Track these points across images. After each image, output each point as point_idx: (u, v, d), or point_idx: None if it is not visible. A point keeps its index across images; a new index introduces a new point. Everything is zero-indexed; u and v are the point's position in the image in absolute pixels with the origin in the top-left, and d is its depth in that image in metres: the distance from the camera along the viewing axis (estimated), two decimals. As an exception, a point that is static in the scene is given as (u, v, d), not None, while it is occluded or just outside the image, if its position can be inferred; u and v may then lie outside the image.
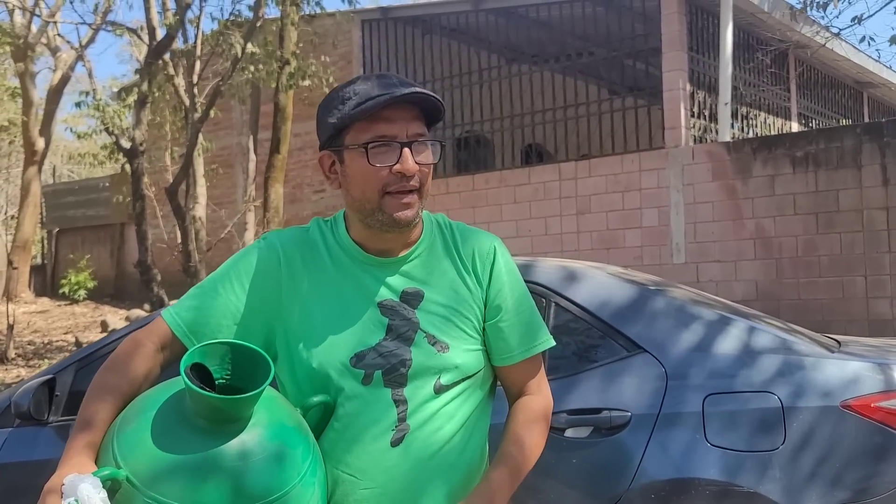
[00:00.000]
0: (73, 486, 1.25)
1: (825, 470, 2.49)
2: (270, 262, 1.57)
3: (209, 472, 1.29)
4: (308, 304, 1.55)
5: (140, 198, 9.17)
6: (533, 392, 1.66)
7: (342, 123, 1.52)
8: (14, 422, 3.10)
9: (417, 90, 1.49)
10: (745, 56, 9.90)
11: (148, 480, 1.29)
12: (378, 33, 11.88)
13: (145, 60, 9.32)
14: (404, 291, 1.57)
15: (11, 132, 19.39)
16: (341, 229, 1.62)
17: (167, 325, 1.55)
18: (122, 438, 1.35)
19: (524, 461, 1.60)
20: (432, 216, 1.68)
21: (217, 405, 1.31)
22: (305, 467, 1.37)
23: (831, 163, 7.98)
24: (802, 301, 8.04)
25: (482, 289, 1.61)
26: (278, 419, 1.39)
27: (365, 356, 1.52)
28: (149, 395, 1.43)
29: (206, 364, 1.39)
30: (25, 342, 11.44)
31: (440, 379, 1.54)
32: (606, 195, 9.19)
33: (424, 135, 1.54)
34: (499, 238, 1.69)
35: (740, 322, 2.85)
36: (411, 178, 1.51)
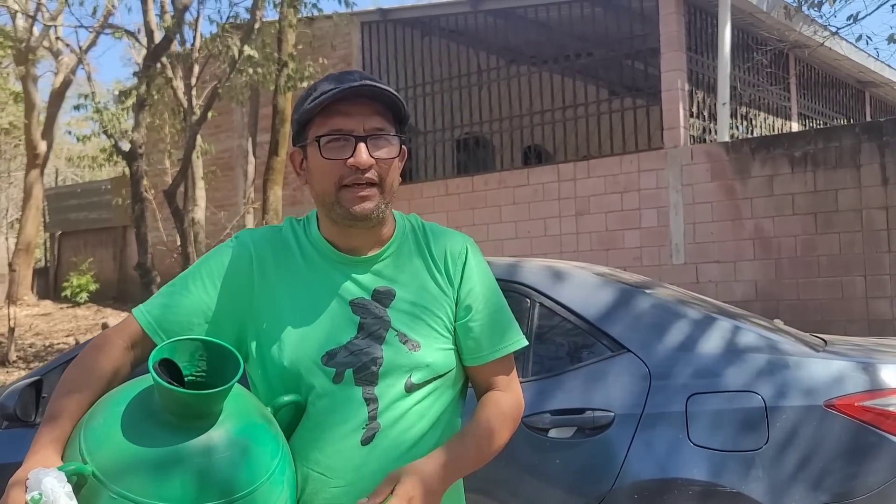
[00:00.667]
0: (38, 480, 1.24)
1: (809, 470, 2.48)
2: (242, 260, 1.57)
3: (175, 468, 1.29)
4: (279, 302, 1.55)
5: (139, 200, 9.19)
6: (503, 390, 1.65)
7: (303, 119, 1.55)
8: (1, 424, 3.11)
9: (367, 83, 1.49)
10: (744, 56, 9.88)
11: (114, 475, 1.29)
12: (377, 35, 11.89)
13: (143, 63, 9.35)
14: (376, 290, 1.57)
15: (14, 135, 19.45)
16: (313, 228, 1.62)
17: (137, 322, 1.55)
18: (88, 433, 1.35)
19: (486, 448, 1.57)
20: (405, 217, 1.67)
21: (185, 400, 1.30)
22: (274, 465, 1.37)
23: (830, 162, 7.95)
24: (802, 301, 8.01)
25: (453, 288, 1.60)
26: (247, 416, 1.39)
27: (336, 354, 1.52)
28: (117, 391, 1.42)
29: (175, 360, 1.39)
30: (27, 345, 11.47)
31: (411, 377, 1.54)
32: (605, 196, 9.17)
33: (384, 129, 1.53)
34: (471, 238, 1.69)
35: (724, 322, 2.84)
36: (366, 172, 1.51)
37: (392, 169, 1.55)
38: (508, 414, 1.62)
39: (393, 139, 1.54)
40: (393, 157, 1.54)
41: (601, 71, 11.02)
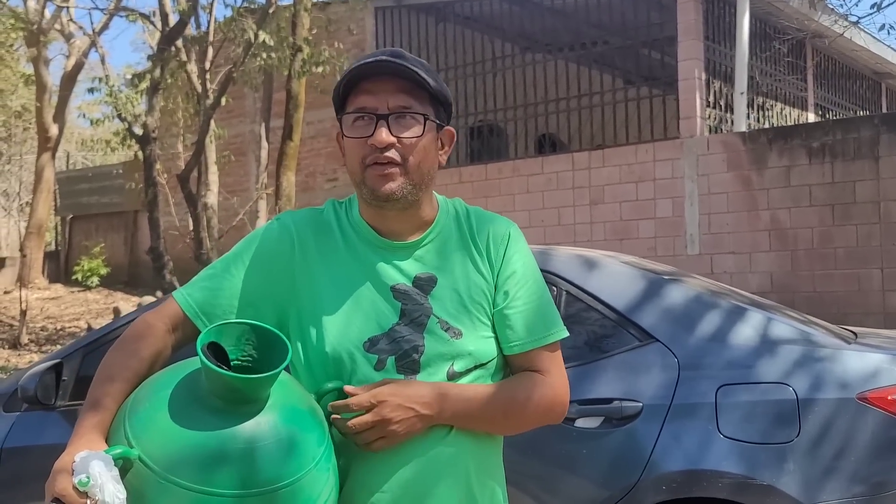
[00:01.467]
0: (85, 464, 1.22)
1: (841, 463, 2.45)
2: (283, 243, 1.54)
3: (222, 453, 1.26)
4: (321, 286, 1.52)
5: (152, 185, 9.17)
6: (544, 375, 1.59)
7: (337, 99, 1.54)
8: (21, 406, 3.10)
9: (383, 58, 1.47)
10: (762, 45, 9.79)
11: (160, 460, 1.26)
12: (391, 21, 11.82)
13: (158, 47, 9.31)
14: (417, 276, 1.53)
15: (26, 118, 19.46)
16: (355, 211, 1.59)
17: (178, 305, 1.52)
18: (134, 418, 1.32)
19: (498, 410, 1.51)
20: (449, 201, 1.64)
21: (233, 384, 1.28)
22: (320, 453, 1.34)
23: (848, 154, 7.89)
24: (818, 293, 7.96)
25: (493, 273, 1.57)
26: (293, 403, 1.36)
27: (378, 341, 1.49)
28: (161, 375, 1.40)
29: (221, 344, 1.36)
30: (38, 328, 11.49)
31: (453, 366, 1.50)
32: (620, 185, 9.12)
33: (409, 108, 1.49)
34: (515, 224, 1.64)
35: (755, 313, 2.80)
36: (386, 151, 1.47)
37: (418, 149, 1.49)
38: (537, 396, 1.54)
39: (418, 118, 1.49)
40: (416, 136, 1.49)
41: (617, 59, 10.94)
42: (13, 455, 3.06)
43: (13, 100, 18.84)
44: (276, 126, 10.75)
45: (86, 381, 3.12)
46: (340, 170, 12.17)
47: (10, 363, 9.27)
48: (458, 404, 1.47)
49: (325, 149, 12.31)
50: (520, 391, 1.53)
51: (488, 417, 1.51)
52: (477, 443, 1.53)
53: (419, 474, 1.46)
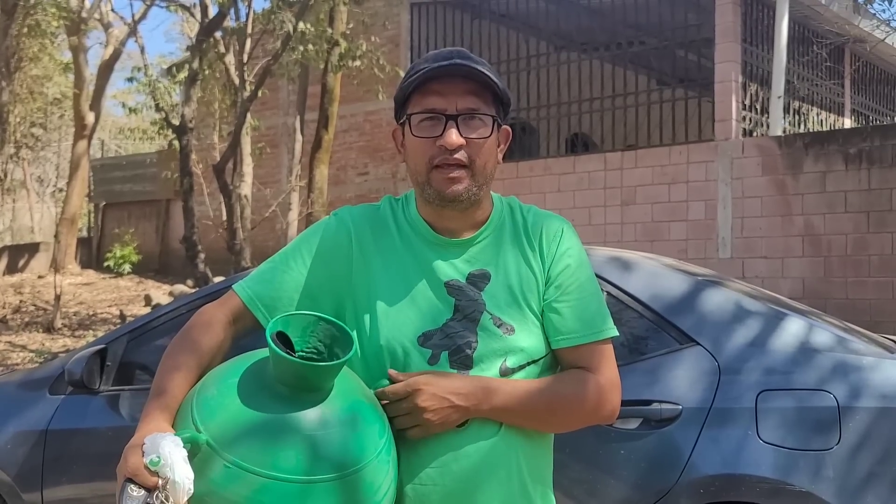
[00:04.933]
0: (155, 444, 1.26)
1: (881, 472, 2.44)
2: (341, 237, 1.58)
3: (288, 438, 1.29)
4: (377, 281, 1.55)
5: (188, 174, 9.27)
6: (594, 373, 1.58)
7: (399, 97, 1.56)
8: (66, 389, 3.16)
9: (457, 61, 1.49)
10: (800, 49, 9.71)
11: (228, 443, 1.29)
12: (427, 17, 11.84)
13: (196, 38, 9.40)
14: (471, 273, 1.56)
15: (63, 106, 19.69)
16: (412, 207, 1.62)
17: (239, 298, 1.56)
18: (201, 403, 1.36)
19: (540, 407, 1.51)
20: (504, 199, 1.66)
21: (301, 372, 1.31)
22: (381, 444, 1.37)
23: (885, 160, 7.80)
24: (850, 301, 7.89)
25: (545, 268, 1.58)
26: (355, 394, 1.40)
27: (432, 336, 1.51)
28: (229, 364, 1.44)
29: (288, 334, 1.39)
30: (71, 313, 11.65)
31: (506, 362, 1.52)
32: (652, 187, 9.08)
33: (478, 110, 1.52)
34: (569, 222, 1.66)
35: (797, 319, 2.79)
36: (455, 152, 1.50)
37: (484, 150, 1.52)
38: (584, 393, 1.54)
39: (486, 119, 1.52)
40: (484, 137, 1.52)
41: (653, 60, 10.88)
42: (58, 437, 3.12)
43: (49, 87, 19.06)
44: (310, 119, 10.82)
45: (129, 367, 3.19)
46: (371, 164, 12.22)
47: (44, 346, 9.41)
48: (497, 398, 1.48)
49: (356, 143, 12.37)
50: (566, 387, 1.54)
51: (531, 413, 1.51)
52: (528, 441, 1.54)
53: (469, 469, 1.48)
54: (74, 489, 3.13)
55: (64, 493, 3.12)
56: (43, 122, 20.35)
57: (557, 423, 1.58)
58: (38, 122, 19.85)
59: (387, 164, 12.02)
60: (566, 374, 1.57)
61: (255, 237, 10.99)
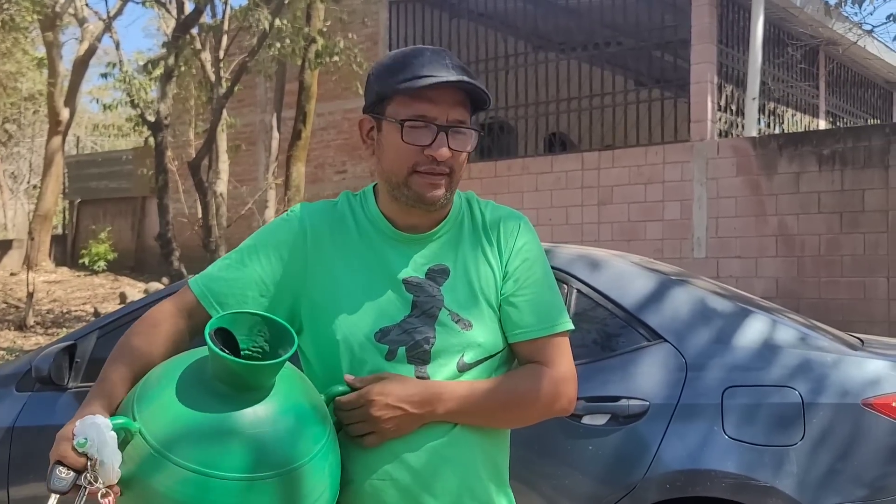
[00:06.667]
0: (84, 427, 1.28)
1: (844, 467, 2.48)
2: (297, 234, 1.57)
3: (217, 435, 1.30)
4: (334, 277, 1.55)
5: (163, 171, 9.22)
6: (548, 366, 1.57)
7: (385, 93, 1.52)
8: (34, 386, 3.13)
9: (466, 80, 1.48)
10: (775, 51, 9.79)
11: (159, 436, 1.30)
12: (405, 15, 11.84)
13: (172, 34, 9.34)
14: (430, 269, 1.56)
15: (37, 102, 19.51)
16: (370, 203, 1.61)
17: (193, 293, 1.56)
18: (141, 394, 1.37)
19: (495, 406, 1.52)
20: (462, 194, 1.66)
21: (236, 370, 1.31)
22: (317, 449, 1.36)
23: (858, 162, 7.89)
24: (823, 300, 7.97)
25: (502, 263, 1.59)
26: (296, 397, 1.39)
27: (389, 332, 1.52)
28: (175, 359, 1.44)
29: (234, 332, 1.39)
30: (44, 310, 11.55)
31: (463, 357, 1.53)
32: (629, 186, 9.13)
33: (465, 122, 1.52)
34: (526, 218, 1.67)
35: (763, 316, 2.82)
36: (441, 163, 1.51)
37: (463, 160, 1.55)
38: (539, 389, 1.54)
39: (470, 133, 1.53)
40: (467, 150, 1.53)
41: (629, 61, 10.94)
42: (24, 434, 3.09)
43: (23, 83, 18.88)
44: (287, 116, 10.78)
45: (99, 364, 3.15)
46: (350, 162, 12.20)
47: (16, 345, 9.33)
48: (451, 403, 1.49)
49: (334, 141, 12.34)
50: (521, 385, 1.54)
51: (486, 413, 1.53)
52: (483, 435, 1.55)
53: (425, 463, 1.49)
54: (41, 487, 3.09)
55: (31, 490, 3.10)
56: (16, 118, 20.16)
57: (512, 420, 1.58)
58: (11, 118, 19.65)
59: (365, 162, 12.00)
60: (520, 371, 1.57)
61: (232, 235, 10.94)
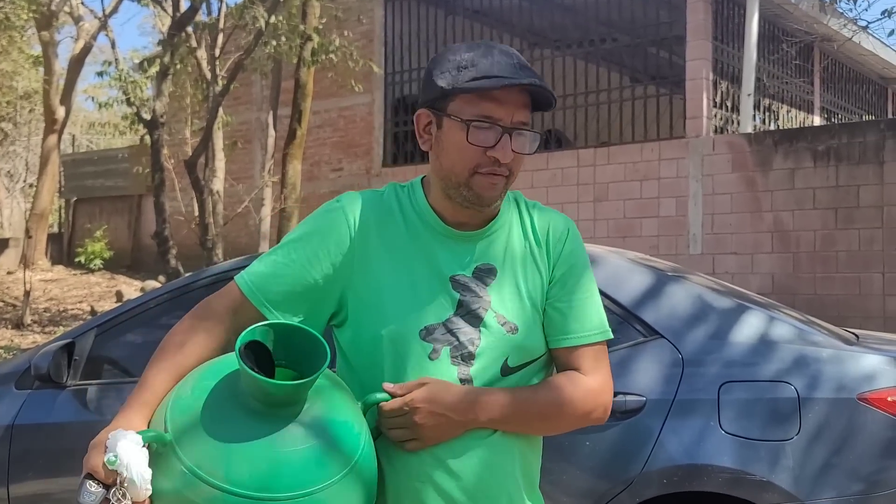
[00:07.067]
0: (114, 442, 1.26)
1: (839, 461, 2.49)
2: (344, 225, 1.53)
3: (246, 454, 1.27)
4: (379, 270, 1.52)
5: (159, 169, 9.21)
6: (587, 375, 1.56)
7: (450, 90, 1.48)
8: (33, 384, 3.14)
9: (538, 83, 1.46)
10: (770, 47, 9.81)
11: (188, 447, 1.28)
12: (401, 12, 11.84)
13: (168, 32, 9.34)
14: (477, 268, 1.54)
15: (32, 100, 19.47)
16: (419, 196, 1.57)
17: (239, 289, 1.52)
18: (176, 402, 1.34)
19: (532, 415, 1.51)
20: (510, 193, 1.63)
21: (267, 389, 1.28)
22: (347, 467, 1.33)
23: (853, 158, 7.92)
24: (818, 296, 8.00)
25: (549, 267, 1.57)
26: (330, 413, 1.35)
27: (434, 330, 1.49)
28: (212, 364, 1.41)
29: (265, 343, 1.35)
30: (41, 309, 11.54)
31: (507, 360, 1.51)
32: (625, 183, 9.15)
33: (528, 124, 1.51)
34: (573, 222, 1.65)
35: (759, 312, 2.84)
36: (504, 166, 1.49)
37: (522, 162, 1.53)
38: (577, 399, 1.52)
39: (533, 136, 1.51)
40: (528, 153, 1.51)
41: (625, 57, 10.95)
42: (24, 432, 3.10)
43: (19, 81, 18.84)
44: (283, 114, 10.78)
45: (97, 361, 3.17)
46: (346, 160, 12.20)
47: (13, 343, 9.32)
48: (494, 411, 1.47)
49: (330, 139, 12.34)
50: (561, 394, 1.52)
51: (527, 422, 1.52)
52: (521, 442, 1.53)
53: (466, 469, 1.47)
54: (41, 484, 3.11)
55: (31, 488, 3.10)
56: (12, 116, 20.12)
57: (550, 429, 1.58)
58: (7, 116, 19.62)
59: (361, 159, 12.00)
60: (560, 380, 1.55)
61: (228, 233, 10.95)
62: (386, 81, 11.76)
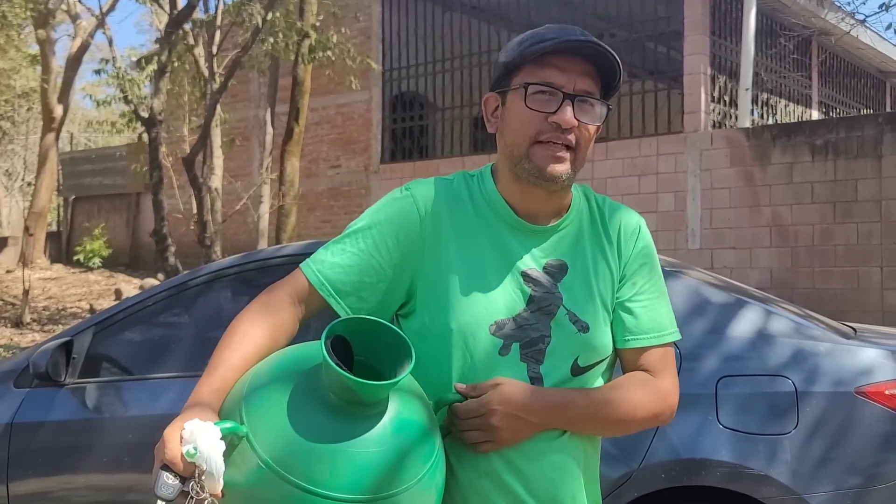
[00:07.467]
0: (194, 434, 1.20)
1: (837, 455, 2.50)
2: (414, 213, 1.48)
3: (327, 453, 1.23)
4: (450, 261, 1.46)
5: (157, 167, 9.20)
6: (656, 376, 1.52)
7: (512, 64, 1.45)
8: (31, 382, 3.14)
9: (591, 40, 1.42)
10: (768, 42, 9.81)
11: (266, 442, 1.23)
12: (398, 9, 11.82)
13: (165, 30, 9.33)
14: (548, 263, 1.49)
15: (30, 99, 19.46)
16: (489, 183, 1.52)
17: (307, 279, 1.46)
18: (252, 394, 1.29)
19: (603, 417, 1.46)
20: (578, 186, 1.57)
21: (351, 386, 1.23)
22: (424, 470, 1.29)
23: (851, 152, 7.92)
24: (817, 290, 8.01)
25: (621, 265, 1.52)
26: (409, 414, 1.31)
27: (504, 325, 1.44)
28: (290, 353, 1.36)
29: (345, 336, 1.30)
30: (40, 307, 11.54)
31: (577, 360, 1.46)
32: (623, 178, 9.15)
33: (593, 94, 1.45)
34: (643, 219, 1.61)
35: (757, 306, 2.84)
36: (567, 133, 1.42)
37: (590, 137, 1.46)
38: (649, 401, 1.48)
39: (599, 105, 1.46)
40: (595, 123, 1.46)
41: (623, 52, 10.91)
42: (23, 430, 3.10)
43: (17, 80, 18.82)
44: (281, 111, 10.77)
45: (95, 359, 3.18)
46: (343, 157, 12.20)
47: (12, 342, 9.33)
48: (570, 413, 1.44)
49: (328, 135, 12.33)
50: (634, 396, 1.48)
51: (601, 424, 1.49)
52: (587, 443, 1.50)
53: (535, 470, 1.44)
54: (41, 482, 3.11)
55: (30, 486, 3.11)
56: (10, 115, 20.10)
57: (621, 431, 1.56)
58: (5, 115, 19.60)
59: (359, 156, 12.00)
60: (631, 381, 1.50)
61: (227, 230, 10.96)
62: (384, 78, 11.75)
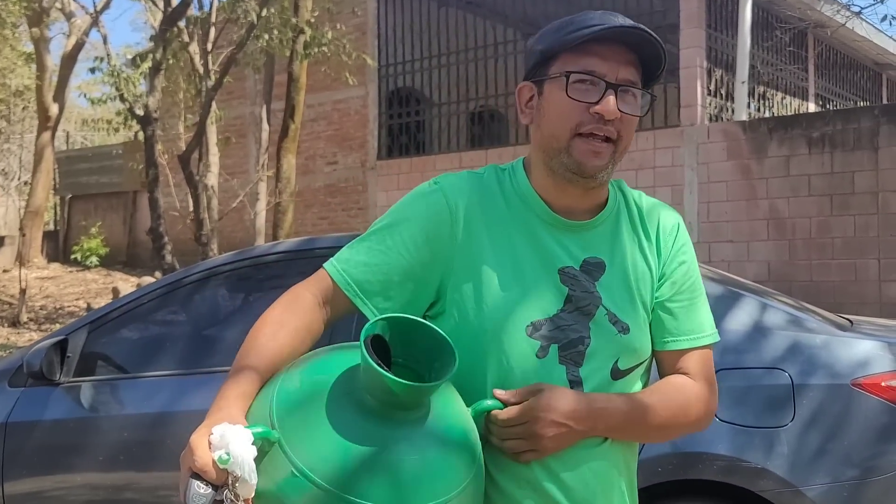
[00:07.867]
0: (225, 439, 1.14)
1: (834, 447, 2.50)
2: (444, 209, 1.40)
3: (363, 459, 1.16)
4: (483, 258, 1.39)
5: (153, 165, 9.18)
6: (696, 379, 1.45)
7: (550, 51, 1.38)
8: (26, 381, 3.13)
9: (638, 26, 1.35)
10: (764, 34, 9.80)
11: (299, 448, 1.17)
12: (394, 4, 11.79)
13: (160, 27, 9.30)
14: (586, 261, 1.41)
15: (25, 97, 19.40)
16: (521, 177, 1.45)
17: (331, 279, 1.40)
18: (282, 397, 1.22)
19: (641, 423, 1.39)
20: (613, 181, 1.50)
21: (393, 389, 1.15)
22: (467, 480, 1.22)
23: (848, 144, 7.91)
24: (814, 283, 8.00)
25: (660, 264, 1.46)
26: (451, 421, 1.24)
27: (541, 326, 1.37)
28: (319, 356, 1.30)
29: (385, 337, 1.24)
30: (37, 307, 11.53)
31: (618, 363, 1.40)
32: (620, 173, 8.91)
33: (636, 83, 1.38)
34: (680, 215, 1.54)
35: (753, 299, 2.84)
36: (609, 124, 1.35)
37: (631, 128, 1.40)
38: (691, 407, 1.42)
39: (642, 96, 1.39)
40: (637, 114, 1.39)
41: (619, 46, 10.91)
42: (18, 429, 3.09)
43: (12, 79, 18.77)
44: (277, 108, 10.75)
45: (90, 358, 3.16)
46: (340, 153, 12.18)
47: (9, 341, 9.31)
48: (613, 420, 1.37)
49: (325, 132, 12.31)
50: (676, 401, 1.42)
51: (643, 430, 1.43)
52: (627, 450, 1.45)
53: (575, 477, 1.38)
54: (36, 482, 3.10)
55: (25, 486, 3.10)
56: (6, 114, 20.05)
57: (663, 436, 1.53)
58: (0, 114, 19.56)
59: (356, 152, 11.98)
60: (673, 385, 1.44)
61: (223, 228, 10.93)
62: (380, 74, 11.72)
